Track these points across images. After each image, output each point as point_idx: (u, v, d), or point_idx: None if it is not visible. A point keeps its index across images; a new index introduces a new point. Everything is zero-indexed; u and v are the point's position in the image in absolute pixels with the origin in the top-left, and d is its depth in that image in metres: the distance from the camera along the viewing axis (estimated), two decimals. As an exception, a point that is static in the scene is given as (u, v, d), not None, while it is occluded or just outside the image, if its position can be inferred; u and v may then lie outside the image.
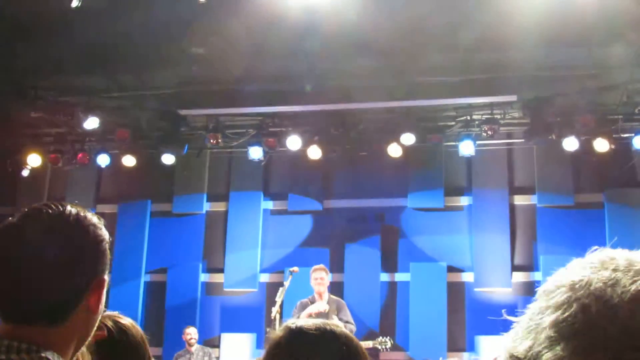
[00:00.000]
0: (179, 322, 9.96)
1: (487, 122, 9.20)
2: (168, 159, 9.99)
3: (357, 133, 9.79)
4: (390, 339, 8.39)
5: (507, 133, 10.07)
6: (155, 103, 9.75)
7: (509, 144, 10.23)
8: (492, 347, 9.09)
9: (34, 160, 10.12)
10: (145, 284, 10.79)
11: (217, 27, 7.41)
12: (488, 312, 8.64)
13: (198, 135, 10.17)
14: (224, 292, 10.57)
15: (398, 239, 10.31)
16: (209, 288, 10.71)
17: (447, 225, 10.20)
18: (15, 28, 7.73)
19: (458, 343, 9.79)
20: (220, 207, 10.93)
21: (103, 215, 1.56)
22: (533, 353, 0.77)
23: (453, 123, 9.67)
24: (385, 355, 9.36)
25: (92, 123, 9.44)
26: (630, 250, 0.83)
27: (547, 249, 9.67)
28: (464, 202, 10.34)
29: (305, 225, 10.61)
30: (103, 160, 10.13)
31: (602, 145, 9.02)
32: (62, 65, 8.57)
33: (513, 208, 10.19)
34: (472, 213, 10.19)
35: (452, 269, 10.04)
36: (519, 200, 10.23)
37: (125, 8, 7.24)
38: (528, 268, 9.94)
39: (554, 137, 9.11)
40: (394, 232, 10.34)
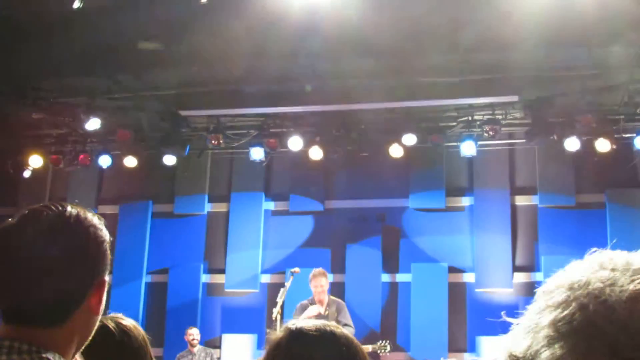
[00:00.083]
0: (180, 322, 9.96)
1: (488, 122, 9.20)
2: (169, 160, 10.00)
3: (358, 133, 9.79)
4: (390, 343, 8.35)
5: (508, 133, 10.06)
6: (157, 104, 9.75)
7: (511, 145, 10.22)
8: (493, 347, 9.07)
9: (36, 161, 10.13)
10: (147, 285, 10.79)
11: (217, 27, 7.41)
12: (489, 312, 8.64)
13: (199, 136, 10.18)
14: (225, 292, 10.57)
15: (399, 240, 10.31)
16: (210, 289, 10.71)
17: (448, 226, 10.20)
18: (16, 29, 7.74)
19: (459, 343, 9.79)
20: (222, 207, 10.93)
21: (104, 216, 1.56)
22: (532, 352, 0.78)
23: (454, 123, 9.67)
24: (386, 356, 9.36)
25: (93, 124, 9.45)
26: (631, 251, 0.84)
27: (548, 250, 9.66)
28: (465, 202, 10.33)
29: (307, 226, 10.61)
30: (104, 161, 10.14)
31: (603, 146, 9.01)
32: (63, 66, 8.57)
33: (514, 208, 10.18)
34: (473, 213, 10.18)
35: (453, 270, 10.03)
36: (520, 201, 10.22)
37: (126, 8, 7.25)
38: (529, 268, 9.93)
39: (556, 137, 9.11)
40: (395, 232, 10.34)
